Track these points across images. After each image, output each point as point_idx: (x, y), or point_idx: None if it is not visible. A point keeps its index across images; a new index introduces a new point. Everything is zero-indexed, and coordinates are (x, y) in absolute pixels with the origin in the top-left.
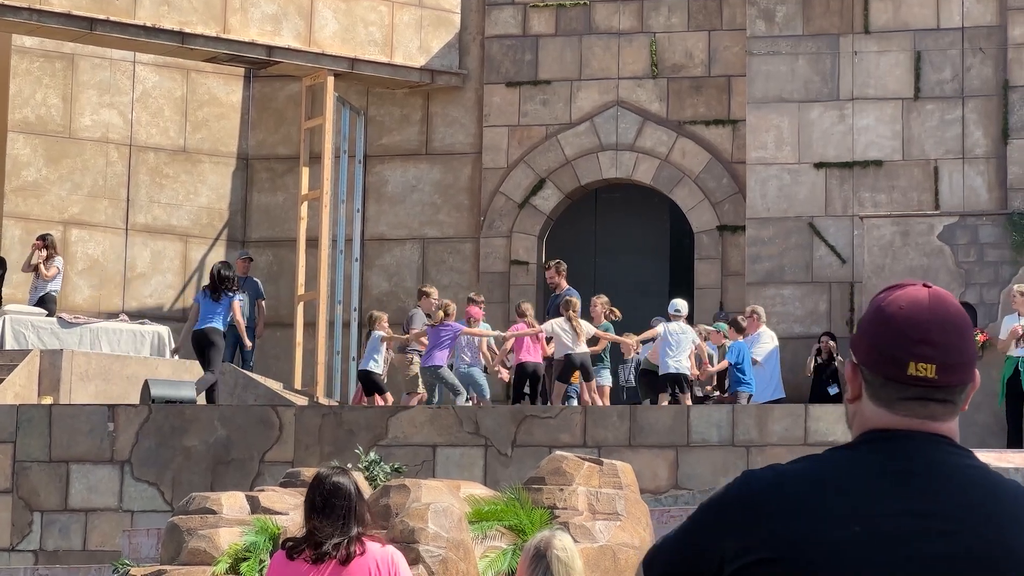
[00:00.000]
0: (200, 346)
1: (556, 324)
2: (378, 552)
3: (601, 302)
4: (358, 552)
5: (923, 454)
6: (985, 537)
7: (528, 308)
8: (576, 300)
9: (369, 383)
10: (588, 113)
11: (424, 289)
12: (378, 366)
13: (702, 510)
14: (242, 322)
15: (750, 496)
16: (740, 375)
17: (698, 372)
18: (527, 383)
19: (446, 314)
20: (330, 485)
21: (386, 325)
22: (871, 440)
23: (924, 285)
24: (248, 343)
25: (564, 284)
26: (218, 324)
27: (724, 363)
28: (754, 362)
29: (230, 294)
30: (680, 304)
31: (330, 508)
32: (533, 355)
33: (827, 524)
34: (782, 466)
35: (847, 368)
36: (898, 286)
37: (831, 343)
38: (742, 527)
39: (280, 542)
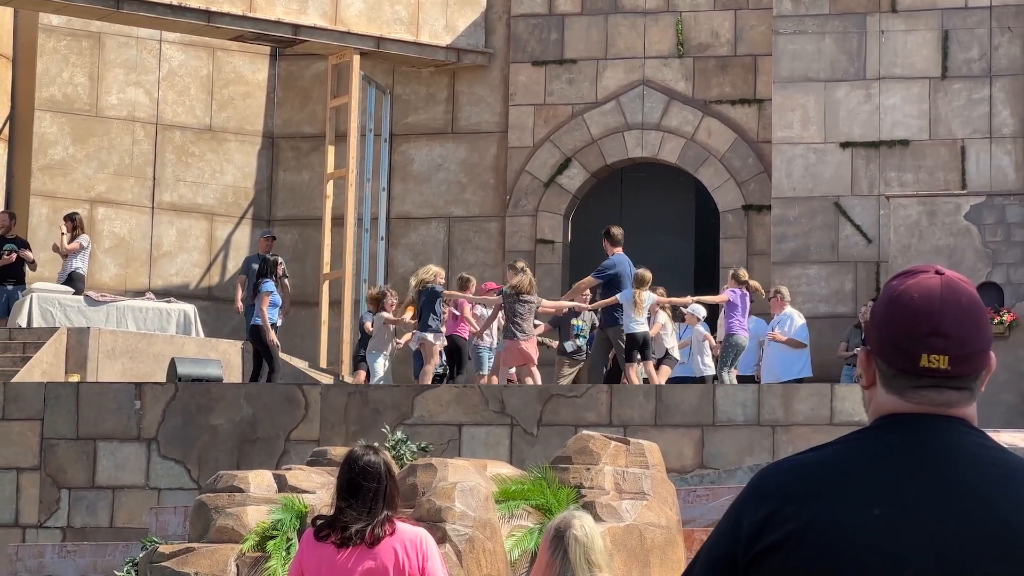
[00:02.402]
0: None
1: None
2: (408, 533)
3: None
4: (387, 533)
5: (937, 436)
6: (1001, 517)
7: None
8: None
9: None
10: (614, 92)
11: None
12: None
13: (724, 515)
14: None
15: (767, 485)
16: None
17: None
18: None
19: (740, 281)
20: (360, 466)
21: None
22: (885, 425)
23: (936, 272)
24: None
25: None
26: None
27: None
28: (778, 339)
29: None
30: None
31: (357, 489)
32: (462, 331)
33: (845, 507)
34: (797, 455)
35: (861, 355)
36: (910, 273)
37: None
38: (760, 513)
39: (310, 520)
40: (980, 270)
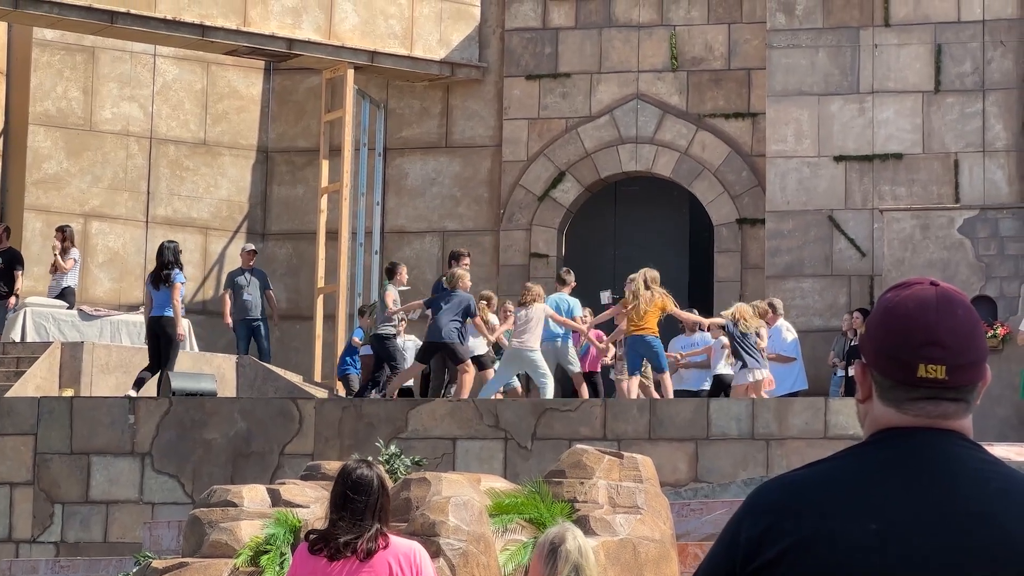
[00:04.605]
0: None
1: None
2: (402, 546)
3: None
4: (381, 546)
5: (935, 450)
6: (1000, 531)
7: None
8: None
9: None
10: (608, 106)
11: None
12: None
13: (722, 531)
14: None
15: (764, 500)
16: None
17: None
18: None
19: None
20: (353, 480)
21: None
22: (883, 439)
23: (931, 283)
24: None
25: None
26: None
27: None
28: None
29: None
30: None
31: (349, 503)
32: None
33: (842, 522)
34: (794, 471)
35: (857, 369)
36: (904, 285)
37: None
38: (757, 529)
39: (304, 535)
40: (973, 284)
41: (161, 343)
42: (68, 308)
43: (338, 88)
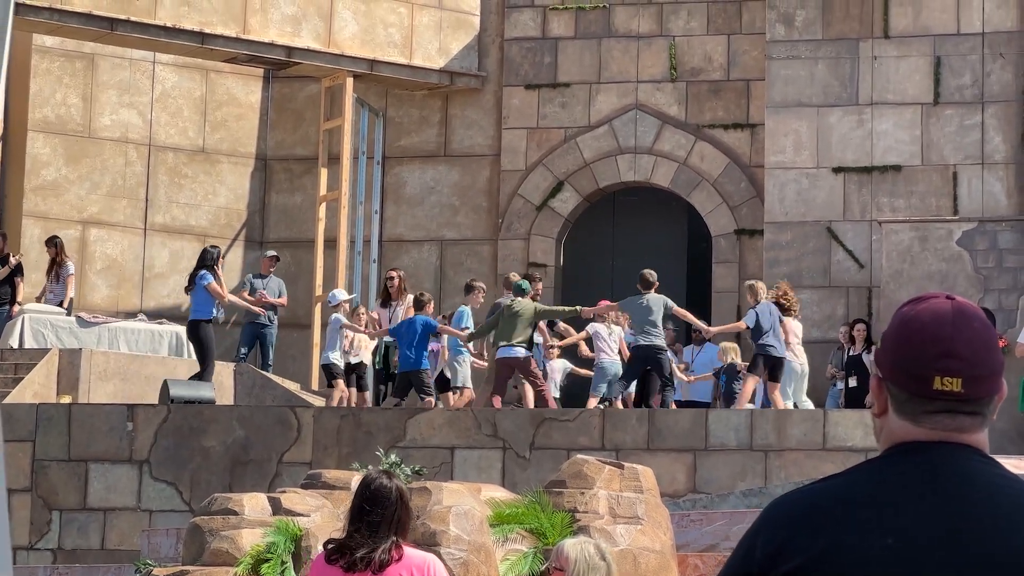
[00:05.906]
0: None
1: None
2: (415, 558)
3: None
4: (395, 558)
5: (951, 464)
6: (1014, 546)
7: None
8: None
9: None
10: (607, 116)
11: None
12: None
13: (738, 544)
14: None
15: (779, 514)
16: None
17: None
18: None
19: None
20: (371, 491)
21: None
22: (899, 453)
23: (947, 297)
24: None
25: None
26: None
27: None
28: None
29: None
30: None
31: (366, 515)
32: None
33: (858, 537)
34: (810, 484)
35: (872, 383)
36: (921, 299)
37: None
38: (773, 543)
39: (323, 543)
40: (972, 296)
41: (194, 348)
42: (66, 315)
43: (337, 96)
